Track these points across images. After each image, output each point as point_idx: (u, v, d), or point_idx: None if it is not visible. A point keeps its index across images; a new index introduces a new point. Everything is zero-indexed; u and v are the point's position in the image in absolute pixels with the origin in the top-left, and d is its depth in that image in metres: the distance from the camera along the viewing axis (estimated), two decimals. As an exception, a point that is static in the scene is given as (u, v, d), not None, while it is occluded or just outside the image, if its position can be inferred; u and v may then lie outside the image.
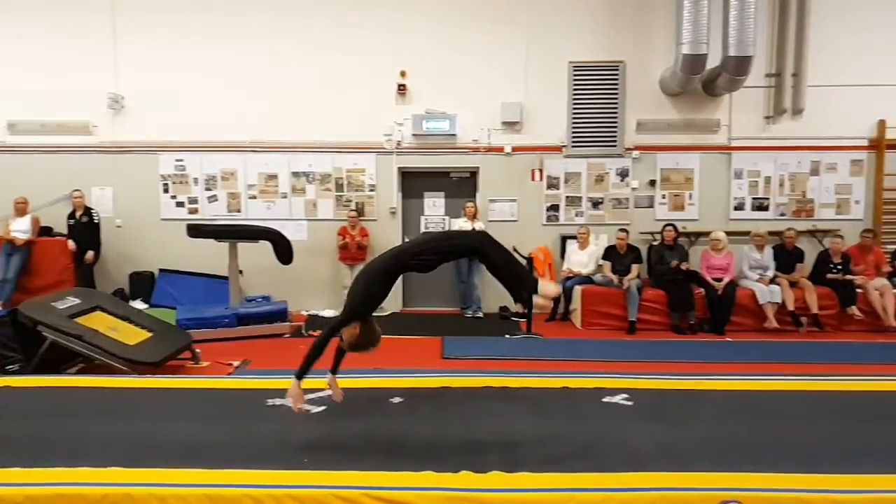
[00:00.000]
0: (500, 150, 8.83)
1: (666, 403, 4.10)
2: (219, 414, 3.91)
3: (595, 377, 4.59)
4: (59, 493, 2.71)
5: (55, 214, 8.78)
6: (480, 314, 8.55)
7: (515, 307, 8.16)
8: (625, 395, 4.20)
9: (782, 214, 8.83)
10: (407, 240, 8.22)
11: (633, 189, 8.90)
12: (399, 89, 8.73)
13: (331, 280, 8.91)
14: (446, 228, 8.99)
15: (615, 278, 7.91)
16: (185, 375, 5.27)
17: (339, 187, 9.00)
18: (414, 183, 9.10)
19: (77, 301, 5.70)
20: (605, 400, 4.13)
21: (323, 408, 4.04)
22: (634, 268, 8.00)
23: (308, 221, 9.02)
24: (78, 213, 8.61)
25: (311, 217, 9.03)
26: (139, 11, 8.77)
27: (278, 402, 4.08)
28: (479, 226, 8.46)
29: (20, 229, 8.46)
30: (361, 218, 8.83)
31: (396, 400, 4.19)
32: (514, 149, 8.82)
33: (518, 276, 3.72)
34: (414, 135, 8.79)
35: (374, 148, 8.87)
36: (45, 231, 8.74)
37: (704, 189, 8.87)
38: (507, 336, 7.36)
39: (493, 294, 8.53)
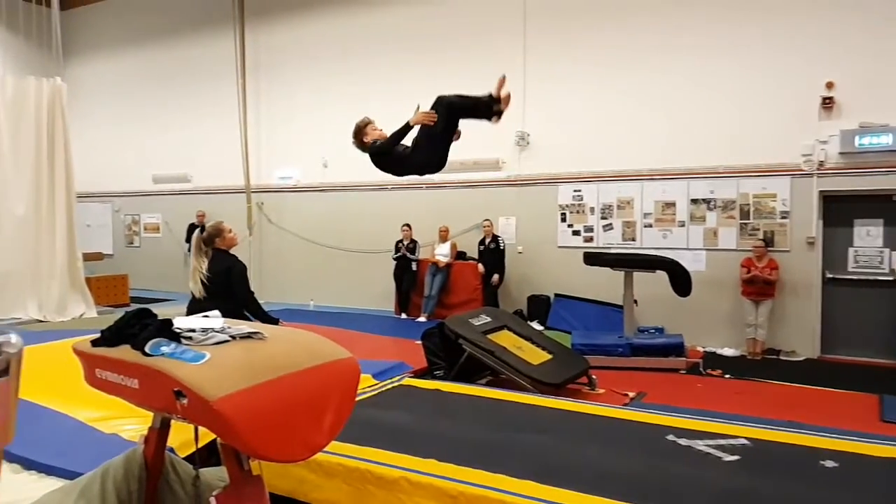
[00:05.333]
0: (968, 166, 6.98)
1: None
2: (622, 445, 3.75)
3: None
4: (483, 496, 2.84)
5: (469, 241, 9.95)
6: (934, 372, 6.78)
7: None
8: None
9: None
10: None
11: None
12: (824, 103, 7.58)
13: (731, 316, 8.12)
14: (883, 263, 7.43)
15: None
16: (583, 400, 5.27)
17: (745, 214, 8.19)
18: (840, 209, 7.77)
19: (489, 319, 6.27)
20: None
21: (736, 457, 3.59)
22: None
23: (707, 251, 8.43)
24: (487, 240, 9.59)
25: (710, 247, 8.41)
26: (544, 58, 9.42)
27: (683, 441, 3.77)
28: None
29: (442, 253, 9.94)
30: (770, 248, 7.87)
31: (829, 464, 3.52)
32: None
33: None
34: (841, 153, 7.51)
35: (789, 170, 7.86)
36: (461, 255, 10.03)
37: None
38: (982, 405, 5.63)
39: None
